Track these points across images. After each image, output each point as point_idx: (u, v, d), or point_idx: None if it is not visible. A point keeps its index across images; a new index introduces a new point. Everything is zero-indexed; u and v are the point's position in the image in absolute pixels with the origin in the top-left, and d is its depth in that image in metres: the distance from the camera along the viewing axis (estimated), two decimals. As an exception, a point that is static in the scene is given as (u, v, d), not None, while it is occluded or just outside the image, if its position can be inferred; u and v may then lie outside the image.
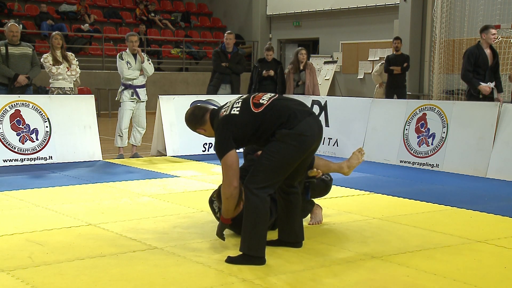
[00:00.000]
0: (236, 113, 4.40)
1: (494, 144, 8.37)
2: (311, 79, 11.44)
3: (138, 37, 9.83)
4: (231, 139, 4.36)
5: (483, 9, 14.84)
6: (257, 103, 4.44)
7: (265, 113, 4.37)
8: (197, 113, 4.70)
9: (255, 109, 4.40)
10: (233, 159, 4.33)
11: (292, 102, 4.55)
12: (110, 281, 4.03)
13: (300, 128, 4.31)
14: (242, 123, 4.38)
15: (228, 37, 11.61)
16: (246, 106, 4.43)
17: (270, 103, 4.43)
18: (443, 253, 4.74)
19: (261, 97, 4.52)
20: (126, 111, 9.57)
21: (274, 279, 4.09)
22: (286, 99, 4.62)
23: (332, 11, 19.45)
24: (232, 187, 4.37)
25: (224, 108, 4.54)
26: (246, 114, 4.40)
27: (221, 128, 4.42)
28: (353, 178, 8.24)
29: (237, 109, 4.43)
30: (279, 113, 4.36)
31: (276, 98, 4.53)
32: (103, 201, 6.49)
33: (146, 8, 22.10)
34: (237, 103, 4.49)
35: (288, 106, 4.44)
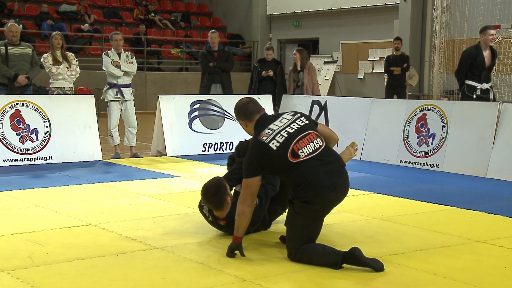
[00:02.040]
0: (273, 148, 4.36)
1: (494, 144, 8.37)
2: (310, 79, 11.39)
3: (122, 36, 9.88)
4: (259, 166, 4.39)
5: (483, 9, 14.85)
6: (296, 152, 4.36)
7: (296, 167, 4.33)
8: (251, 107, 4.69)
9: (291, 158, 4.35)
10: (254, 182, 4.39)
11: (329, 167, 4.40)
12: (110, 281, 4.03)
13: (318, 202, 4.32)
14: (273, 160, 4.37)
15: (212, 36, 11.50)
16: (285, 148, 4.36)
17: (307, 161, 4.36)
18: (443, 253, 4.74)
19: (304, 145, 4.41)
20: (113, 111, 9.63)
21: (274, 279, 4.09)
22: (327, 160, 4.43)
23: (332, 11, 19.45)
24: (245, 205, 4.42)
25: (270, 129, 4.46)
26: (281, 156, 4.35)
27: (254, 151, 4.43)
28: (353, 178, 8.21)
29: (277, 143, 4.37)
30: (305, 176, 4.32)
31: (316, 155, 4.40)
32: (103, 201, 6.49)
33: (146, 8, 22.10)
34: (281, 135, 4.40)
35: (319, 173, 4.33)
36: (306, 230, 4.40)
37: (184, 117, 10.20)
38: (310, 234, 4.42)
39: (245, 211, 4.43)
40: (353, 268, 4.31)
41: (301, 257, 4.38)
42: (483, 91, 9.48)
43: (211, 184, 4.97)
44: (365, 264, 4.22)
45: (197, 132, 10.25)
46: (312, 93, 11.29)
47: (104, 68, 9.63)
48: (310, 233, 4.42)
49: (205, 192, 4.96)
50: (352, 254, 4.23)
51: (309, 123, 4.59)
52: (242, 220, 4.45)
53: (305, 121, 4.57)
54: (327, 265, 4.28)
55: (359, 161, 9.78)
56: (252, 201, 4.45)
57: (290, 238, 4.47)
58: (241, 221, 4.45)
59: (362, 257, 4.22)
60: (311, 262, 4.34)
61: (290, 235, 4.47)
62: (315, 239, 4.47)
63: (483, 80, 9.41)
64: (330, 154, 4.51)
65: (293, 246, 4.42)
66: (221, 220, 5.02)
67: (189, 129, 10.19)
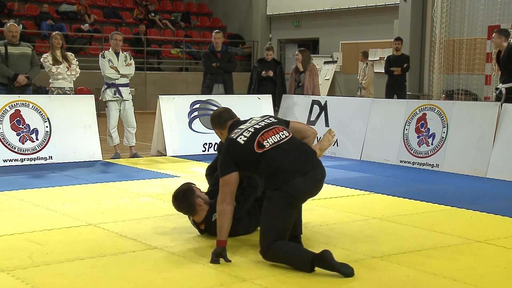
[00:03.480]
0: (241, 142, 4.43)
1: (494, 144, 8.37)
2: (311, 80, 11.38)
3: (122, 36, 9.88)
4: (233, 163, 4.42)
5: (483, 9, 14.85)
6: (261, 143, 4.42)
7: (262, 157, 4.37)
8: (224, 116, 4.81)
9: (257, 148, 4.40)
10: (231, 179, 4.39)
11: (294, 154, 4.42)
12: (110, 281, 4.03)
13: (288, 189, 4.29)
14: (242, 154, 4.42)
15: (216, 36, 11.49)
16: (251, 141, 4.43)
17: (271, 149, 4.40)
18: (443, 253, 4.74)
19: (268, 136, 4.46)
20: (111, 111, 9.64)
21: (274, 279, 4.09)
22: (292, 148, 4.45)
23: (332, 11, 19.45)
24: (225, 203, 4.37)
25: (239, 128, 4.56)
26: (248, 148, 4.41)
27: (225, 150, 4.50)
28: (353, 178, 8.25)
29: (244, 138, 4.44)
30: (273, 164, 4.35)
31: (281, 144, 4.44)
32: (103, 201, 6.49)
33: (146, 8, 22.10)
34: (249, 130, 4.49)
35: (285, 160, 4.36)
36: (278, 220, 4.32)
37: (184, 117, 10.20)
38: (282, 225, 4.34)
39: (225, 210, 4.38)
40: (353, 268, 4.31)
41: (272, 255, 4.33)
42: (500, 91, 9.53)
43: (178, 191, 5.04)
44: (335, 269, 4.12)
45: (197, 132, 10.25)
46: (312, 95, 11.27)
47: (101, 70, 9.63)
48: (282, 224, 4.34)
49: (174, 201, 5.04)
50: (322, 257, 4.16)
51: (277, 121, 4.66)
52: (224, 219, 4.39)
53: (273, 120, 4.66)
54: (297, 267, 4.22)
55: (359, 161, 9.78)
56: (231, 199, 4.40)
57: (262, 231, 4.42)
58: (223, 221, 4.39)
59: (332, 261, 4.13)
60: (281, 261, 4.29)
61: (262, 228, 4.43)
62: (286, 232, 4.38)
63: (500, 80, 9.52)
64: (296, 143, 4.53)
65: (264, 240, 4.36)
66: (200, 224, 5.02)
67: (189, 129, 10.19)
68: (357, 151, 9.97)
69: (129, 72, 9.68)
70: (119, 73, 9.55)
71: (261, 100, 11.03)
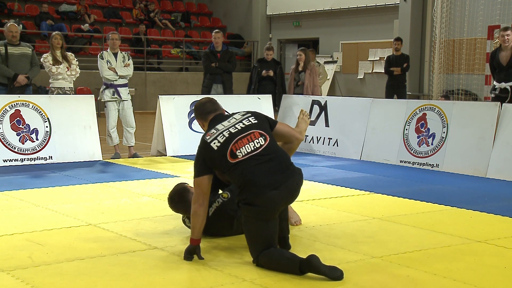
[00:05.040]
0: (214, 148, 4.34)
1: (494, 144, 8.37)
2: (311, 80, 11.39)
3: (119, 36, 9.87)
4: (205, 165, 4.38)
5: (483, 9, 14.85)
6: (234, 153, 4.30)
7: (236, 168, 4.27)
8: (208, 107, 4.68)
9: (230, 158, 4.29)
10: (203, 181, 4.38)
11: (268, 165, 4.29)
12: (110, 281, 4.03)
13: (260, 203, 4.18)
14: (214, 159, 4.35)
15: (216, 36, 11.49)
16: (224, 148, 4.31)
17: (244, 160, 4.28)
18: (443, 253, 4.74)
19: (242, 145, 4.32)
20: (110, 112, 9.64)
21: (274, 279, 4.09)
22: (267, 158, 4.31)
23: (332, 11, 19.45)
24: (197, 205, 4.38)
25: (215, 129, 4.44)
26: (221, 156, 4.32)
27: (199, 151, 4.45)
28: (353, 178, 8.25)
29: (218, 143, 4.34)
30: (244, 176, 4.24)
31: (254, 154, 4.30)
32: (103, 201, 6.48)
33: (146, 8, 22.10)
34: (223, 135, 4.37)
35: (257, 172, 4.23)
36: (260, 232, 4.26)
37: (184, 117, 10.20)
38: (266, 236, 4.26)
39: (198, 211, 4.37)
40: (353, 268, 4.31)
41: (263, 263, 4.28)
42: (502, 90, 9.50)
43: (173, 192, 5.05)
44: (322, 273, 4.05)
45: (197, 132, 10.23)
46: (312, 94, 11.28)
47: (100, 71, 9.64)
48: (265, 235, 4.26)
49: (170, 202, 5.05)
50: (308, 262, 4.10)
51: (257, 122, 4.49)
52: (196, 220, 4.39)
53: (253, 120, 4.48)
54: (288, 273, 4.17)
55: (359, 161, 9.78)
56: (203, 200, 4.38)
57: (248, 242, 4.38)
58: (195, 222, 4.39)
59: (319, 266, 4.07)
60: (272, 268, 4.23)
61: (247, 240, 4.39)
62: (273, 240, 4.30)
63: (502, 79, 9.48)
64: (272, 152, 4.37)
65: (253, 251, 4.33)
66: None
67: (189, 129, 10.19)
68: (357, 151, 9.97)
69: (127, 73, 9.68)
70: (117, 75, 9.55)
71: (261, 100, 11.02)
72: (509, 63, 9.43)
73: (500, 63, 9.51)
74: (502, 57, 9.50)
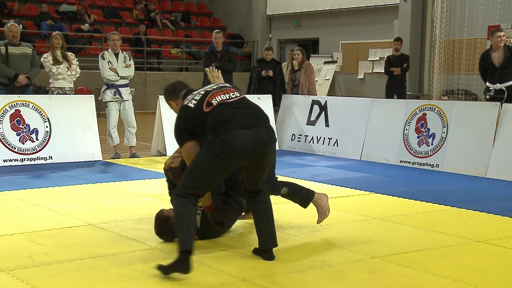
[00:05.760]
0: (191, 106, 4.36)
1: (494, 144, 8.37)
2: (306, 78, 11.38)
3: (120, 36, 9.88)
4: (186, 130, 4.37)
5: (483, 9, 14.85)
6: (210, 102, 4.34)
7: (210, 114, 4.28)
8: (177, 86, 4.74)
9: (206, 108, 4.32)
10: (189, 149, 4.35)
11: (242, 110, 4.34)
12: (110, 281, 4.03)
13: (227, 138, 4.17)
14: (193, 117, 4.34)
15: (216, 36, 11.49)
16: (201, 102, 4.35)
17: (218, 106, 4.32)
18: (443, 253, 4.74)
19: (217, 95, 4.39)
20: (111, 112, 9.64)
21: (274, 279, 4.09)
22: (241, 106, 4.39)
23: (332, 11, 19.45)
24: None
25: (192, 95, 4.48)
26: (198, 110, 4.33)
27: (178, 116, 4.44)
28: (353, 178, 8.25)
29: (194, 101, 4.37)
30: (218, 118, 4.26)
31: (229, 101, 4.37)
32: (103, 201, 6.49)
33: (147, 8, 22.10)
34: (198, 95, 4.43)
35: (230, 113, 4.28)
36: (207, 168, 4.18)
37: (184, 117, 10.17)
38: (208, 176, 4.21)
39: None
40: (353, 268, 4.32)
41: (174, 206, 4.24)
42: (497, 91, 9.49)
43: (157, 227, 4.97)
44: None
45: (197, 132, 10.25)
46: (308, 92, 11.26)
47: (101, 72, 9.64)
48: (207, 172, 4.19)
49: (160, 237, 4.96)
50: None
51: (231, 85, 4.57)
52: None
53: (229, 84, 4.59)
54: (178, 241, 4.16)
55: (359, 161, 9.78)
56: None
57: (185, 172, 4.28)
58: None
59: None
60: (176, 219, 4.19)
61: (186, 170, 4.30)
62: (209, 184, 4.27)
63: (496, 80, 9.46)
64: (246, 102, 4.44)
65: (181, 183, 4.23)
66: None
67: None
68: (357, 151, 9.97)
69: (129, 73, 9.68)
70: (118, 75, 9.55)
71: (261, 100, 11.00)
72: (502, 64, 9.42)
73: (493, 64, 9.49)
74: (494, 58, 9.48)
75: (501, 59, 9.42)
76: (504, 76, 9.43)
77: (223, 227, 4.98)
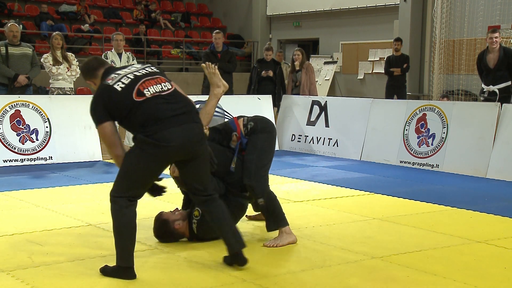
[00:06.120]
0: (117, 89, 4.09)
1: (494, 144, 8.37)
2: (307, 79, 11.39)
3: (123, 36, 9.89)
4: (104, 111, 4.12)
5: (483, 9, 14.84)
6: (142, 91, 4.10)
7: (142, 105, 4.07)
8: (92, 64, 4.43)
9: (137, 96, 4.08)
10: (105, 130, 4.14)
11: (175, 106, 4.15)
12: (110, 281, 4.03)
13: (159, 137, 4.02)
14: (119, 103, 4.10)
15: (216, 36, 11.50)
16: (130, 88, 4.10)
17: (151, 98, 4.10)
18: (443, 253, 4.74)
19: (149, 85, 4.16)
20: None
21: (274, 279, 4.09)
22: (173, 100, 4.18)
23: (332, 11, 19.44)
24: (114, 155, 4.23)
25: (116, 74, 4.22)
26: (126, 96, 4.08)
27: (98, 95, 4.19)
28: (353, 178, 8.25)
29: (122, 85, 4.11)
30: (150, 113, 4.06)
31: (163, 94, 4.15)
32: (103, 201, 6.47)
33: (147, 8, 22.10)
34: (126, 78, 4.16)
35: (164, 109, 4.08)
36: (139, 170, 4.09)
37: (184, 117, 10.18)
38: (142, 178, 4.14)
39: (118, 154, 4.20)
40: (353, 268, 4.32)
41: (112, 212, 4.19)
42: (490, 93, 9.49)
43: (156, 231, 4.97)
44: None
45: (197, 132, 10.25)
46: (309, 93, 11.27)
47: None
48: (142, 176, 4.12)
49: (159, 240, 4.96)
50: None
51: (160, 72, 4.34)
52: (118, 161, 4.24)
53: (156, 70, 4.34)
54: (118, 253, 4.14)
55: (359, 161, 9.78)
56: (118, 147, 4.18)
57: (118, 176, 4.20)
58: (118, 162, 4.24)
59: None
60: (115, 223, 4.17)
61: (118, 173, 4.20)
62: (144, 184, 4.19)
63: (489, 82, 9.45)
64: (178, 96, 4.24)
65: (116, 186, 4.18)
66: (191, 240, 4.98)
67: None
68: (357, 151, 9.97)
69: None
70: None
71: (261, 100, 11.02)
72: (496, 66, 9.40)
73: (488, 66, 9.48)
74: (489, 59, 9.48)
75: (496, 61, 9.39)
76: (498, 79, 9.41)
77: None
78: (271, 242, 4.89)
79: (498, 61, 9.35)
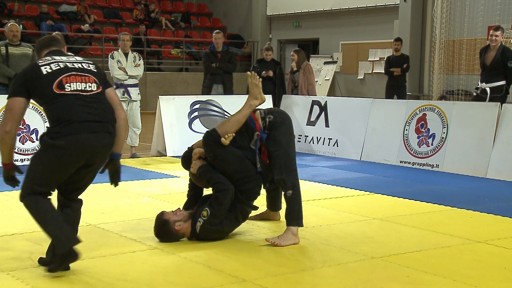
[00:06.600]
0: (43, 72, 3.99)
1: (494, 144, 8.37)
2: (305, 79, 11.37)
3: (130, 36, 9.91)
4: (24, 87, 3.99)
5: (483, 9, 14.85)
6: (63, 85, 4.00)
7: (58, 100, 3.97)
8: (43, 42, 4.36)
9: (56, 88, 3.97)
10: (15, 104, 3.99)
11: (93, 111, 4.03)
12: (110, 281, 4.03)
13: (66, 144, 3.93)
14: (38, 84, 3.99)
15: (216, 36, 11.50)
16: (54, 77, 3.99)
17: (69, 96, 3.99)
18: (443, 253, 4.74)
19: (73, 80, 4.05)
20: None
21: (274, 279, 4.09)
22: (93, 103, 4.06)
23: (332, 11, 19.45)
24: (3, 131, 3.99)
25: (51, 57, 4.13)
26: (46, 82, 3.98)
27: (25, 70, 4.09)
28: (353, 178, 8.25)
29: (50, 69, 4.01)
30: (64, 112, 3.96)
31: (83, 95, 4.03)
32: (103, 201, 6.48)
33: (147, 8, 22.10)
34: (55, 64, 4.06)
35: (79, 111, 3.97)
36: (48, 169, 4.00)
37: (184, 118, 10.20)
38: (51, 175, 4.04)
39: (4, 138, 3.99)
40: (353, 268, 4.32)
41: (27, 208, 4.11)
42: (482, 90, 9.50)
43: (157, 231, 4.96)
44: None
45: (197, 133, 10.23)
46: (308, 93, 11.25)
47: (110, 72, 9.65)
48: (50, 174, 4.03)
49: (160, 240, 4.94)
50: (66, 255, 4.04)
51: (97, 72, 4.20)
52: (4, 147, 4.05)
53: (93, 69, 4.20)
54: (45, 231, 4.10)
55: (359, 161, 9.78)
56: (12, 127, 3.98)
57: (27, 174, 4.08)
58: (3, 149, 4.06)
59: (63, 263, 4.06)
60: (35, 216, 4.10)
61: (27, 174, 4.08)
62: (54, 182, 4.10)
63: (483, 79, 9.47)
64: (99, 101, 4.09)
65: (28, 185, 4.07)
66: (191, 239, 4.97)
67: (189, 129, 10.19)
68: (357, 151, 9.98)
69: (137, 73, 9.74)
70: (127, 74, 9.59)
71: (261, 100, 11.01)
72: (491, 64, 9.41)
73: (485, 62, 9.50)
74: (487, 57, 9.48)
75: (492, 59, 9.40)
76: (492, 77, 9.40)
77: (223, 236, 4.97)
78: (274, 240, 4.90)
79: (494, 59, 9.36)
